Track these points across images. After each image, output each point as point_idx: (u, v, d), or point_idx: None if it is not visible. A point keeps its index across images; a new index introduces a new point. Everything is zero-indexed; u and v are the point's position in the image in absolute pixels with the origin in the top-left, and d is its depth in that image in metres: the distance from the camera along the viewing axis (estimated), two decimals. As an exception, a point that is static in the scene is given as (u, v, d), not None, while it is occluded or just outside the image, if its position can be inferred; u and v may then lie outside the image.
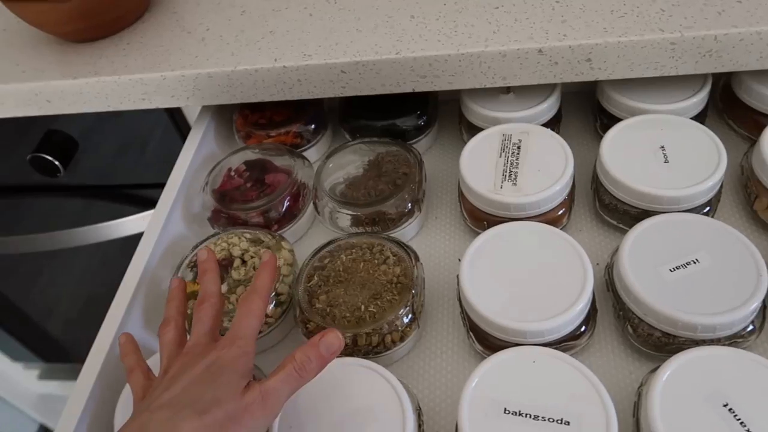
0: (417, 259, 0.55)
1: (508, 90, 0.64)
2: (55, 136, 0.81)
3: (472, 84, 0.60)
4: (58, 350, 1.49)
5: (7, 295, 1.26)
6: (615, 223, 0.59)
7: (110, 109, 0.69)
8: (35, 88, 0.66)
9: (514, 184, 0.56)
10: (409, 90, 0.62)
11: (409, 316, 0.51)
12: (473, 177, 0.57)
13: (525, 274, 0.50)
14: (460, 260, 0.59)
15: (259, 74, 0.62)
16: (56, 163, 0.79)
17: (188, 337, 0.45)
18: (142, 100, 0.67)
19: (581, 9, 0.59)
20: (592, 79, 0.58)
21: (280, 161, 0.68)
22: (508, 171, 0.57)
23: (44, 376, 1.59)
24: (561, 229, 0.57)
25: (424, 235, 0.65)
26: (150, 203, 0.97)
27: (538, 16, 0.60)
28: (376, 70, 0.60)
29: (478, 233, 0.59)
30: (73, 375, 1.60)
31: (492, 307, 0.47)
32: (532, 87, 0.64)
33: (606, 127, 0.65)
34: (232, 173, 0.66)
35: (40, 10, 0.63)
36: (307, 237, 0.68)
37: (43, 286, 1.27)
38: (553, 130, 0.65)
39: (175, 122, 0.84)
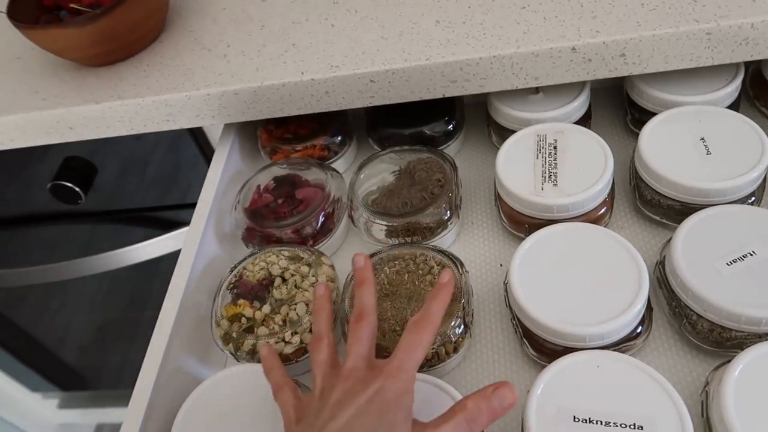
0: (462, 266, 0.54)
1: (537, 90, 0.63)
2: (73, 162, 0.79)
3: (504, 86, 0.59)
4: (74, 378, 1.48)
5: (20, 325, 1.25)
6: (658, 218, 0.58)
7: (133, 132, 0.68)
8: (57, 116, 0.65)
9: (555, 184, 0.55)
10: (439, 96, 0.61)
11: (461, 327, 0.50)
12: (512, 180, 0.56)
13: (576, 276, 0.48)
14: (501, 265, 0.60)
15: (286, 89, 0.61)
16: (77, 189, 0.77)
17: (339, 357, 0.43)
18: (166, 121, 0.66)
19: (610, 4, 0.58)
20: (626, 74, 0.57)
21: (310, 175, 0.67)
22: (547, 172, 0.56)
23: (63, 405, 1.58)
24: (603, 227, 0.55)
25: (463, 242, 0.63)
26: (162, 225, 0.93)
27: (567, 14, 0.59)
28: (405, 78, 0.59)
29: (519, 237, 0.59)
30: (92, 402, 1.58)
31: (547, 312, 0.46)
32: (561, 85, 0.63)
33: (638, 122, 0.65)
34: (262, 190, 0.65)
35: (59, 36, 0.62)
36: (342, 250, 0.66)
37: (53, 314, 1.24)
38: (584, 125, 0.63)
39: (195, 140, 0.84)
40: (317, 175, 0.66)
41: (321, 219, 0.62)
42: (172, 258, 0.93)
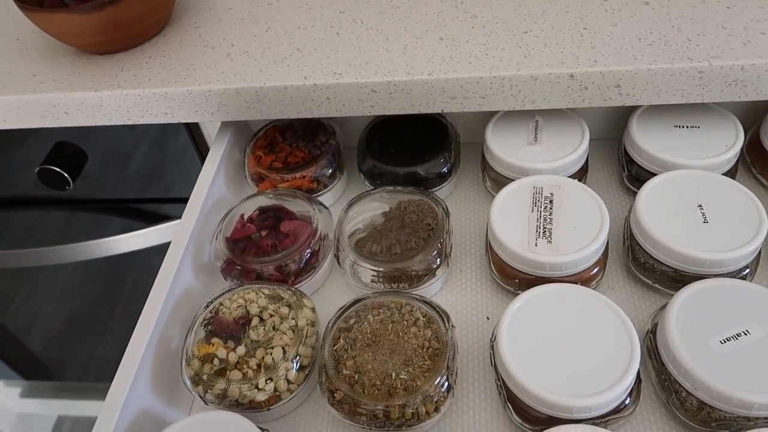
0: (449, 320, 0.46)
1: (535, 139, 0.59)
2: (64, 148, 0.72)
3: (502, 106, 0.55)
4: (39, 368, 1.26)
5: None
6: (650, 282, 0.51)
7: (130, 122, 0.60)
8: (53, 100, 0.58)
9: (549, 241, 0.49)
10: (438, 110, 0.55)
11: (445, 385, 0.43)
12: (505, 232, 0.50)
13: (566, 341, 0.43)
14: (488, 318, 0.52)
15: (288, 91, 0.55)
16: (66, 175, 0.71)
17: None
18: (165, 114, 0.58)
19: (609, 36, 0.54)
20: (620, 104, 0.54)
21: (296, 206, 0.58)
22: (542, 227, 0.50)
23: (26, 394, 1.36)
24: (594, 286, 0.50)
25: (450, 290, 0.55)
26: (142, 218, 0.83)
27: (567, 42, 0.54)
28: (407, 91, 0.54)
29: (508, 290, 0.51)
30: (55, 393, 1.51)
31: (534, 378, 0.41)
32: (561, 136, 0.59)
33: (634, 179, 0.58)
34: (245, 220, 0.57)
35: (65, 21, 0.56)
36: (325, 289, 0.58)
37: (22, 301, 1.08)
38: (580, 180, 0.57)
39: (189, 132, 0.75)
40: (304, 208, 0.57)
41: (306, 256, 0.54)
42: (148, 252, 0.82)
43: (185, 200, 0.59)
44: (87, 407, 1.36)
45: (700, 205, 0.50)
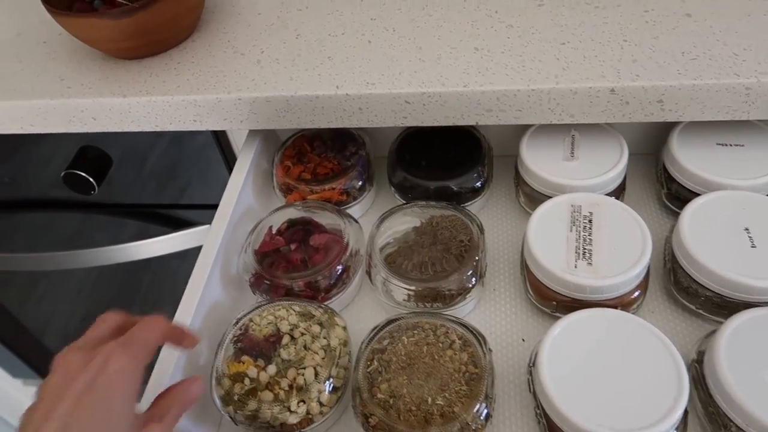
0: (486, 344, 0.45)
1: (572, 155, 0.57)
2: (89, 152, 0.71)
3: (539, 120, 0.53)
4: None
5: (7, 308, 1.20)
6: (693, 308, 0.49)
7: (157, 129, 0.59)
8: (81, 105, 0.57)
9: (590, 263, 0.47)
10: (473, 122, 0.54)
11: (484, 413, 0.41)
12: (543, 253, 0.48)
13: (610, 369, 0.41)
14: (523, 340, 0.50)
15: (319, 101, 0.54)
16: (91, 180, 0.70)
17: None
18: (193, 121, 0.57)
19: (651, 49, 0.53)
20: (661, 120, 0.52)
21: (325, 219, 0.56)
22: (581, 248, 0.48)
23: None
24: (634, 310, 0.48)
25: (483, 310, 0.53)
26: (161, 223, 0.82)
27: (607, 55, 0.53)
28: (441, 102, 0.52)
29: (544, 311, 0.49)
30: None
31: (577, 409, 0.39)
32: (598, 152, 0.57)
33: (674, 198, 0.56)
34: (274, 232, 0.56)
35: (94, 26, 0.55)
36: (354, 305, 0.56)
37: (37, 300, 1.08)
38: (617, 198, 0.55)
39: (215, 136, 0.73)
40: (334, 221, 0.55)
41: (337, 272, 0.52)
42: (165, 259, 0.83)
43: (205, 206, 0.57)
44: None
45: (747, 229, 0.48)
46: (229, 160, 0.72)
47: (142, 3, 0.52)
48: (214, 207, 0.79)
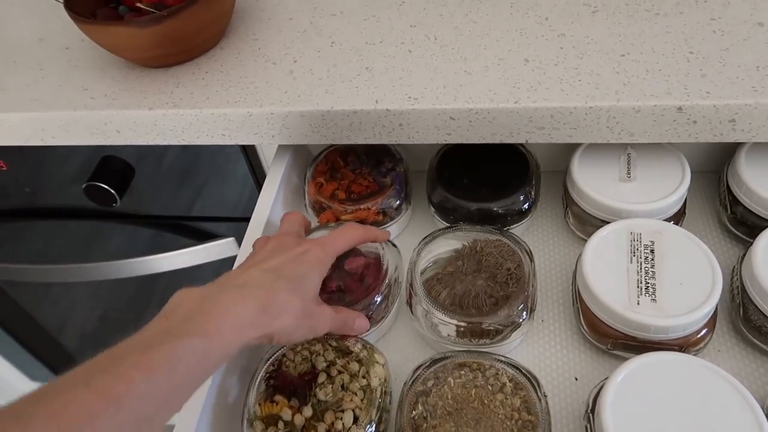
0: (540, 387, 0.41)
1: (628, 175, 0.53)
2: (111, 163, 0.68)
3: (595, 139, 0.49)
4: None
5: (25, 309, 1.19)
6: (766, 347, 0.45)
7: (184, 142, 0.56)
8: (105, 117, 0.54)
9: (654, 299, 0.43)
10: (522, 140, 0.50)
11: None
12: (602, 286, 0.44)
13: (680, 421, 0.38)
14: (576, 379, 0.47)
15: (357, 116, 0.50)
16: (112, 192, 0.67)
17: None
18: (222, 135, 0.54)
19: (721, 63, 0.48)
20: (732, 140, 0.48)
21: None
22: (643, 281, 0.44)
23: None
24: (699, 349, 0.44)
25: (531, 344, 0.50)
26: (181, 234, 0.80)
27: (672, 68, 0.48)
28: (489, 119, 0.49)
29: (599, 347, 0.46)
30: None
31: None
32: (657, 172, 0.53)
33: (739, 222, 0.52)
34: None
35: (120, 34, 0.52)
36: (391, 335, 0.53)
37: (53, 300, 1.06)
38: (677, 223, 0.52)
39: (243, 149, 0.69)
40: (369, 245, 0.52)
41: (375, 303, 0.48)
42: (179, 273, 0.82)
43: (227, 219, 0.54)
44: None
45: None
46: (256, 172, 0.68)
47: (170, 11, 0.49)
48: (237, 220, 0.76)
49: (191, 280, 0.91)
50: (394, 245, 0.51)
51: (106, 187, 0.65)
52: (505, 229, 0.52)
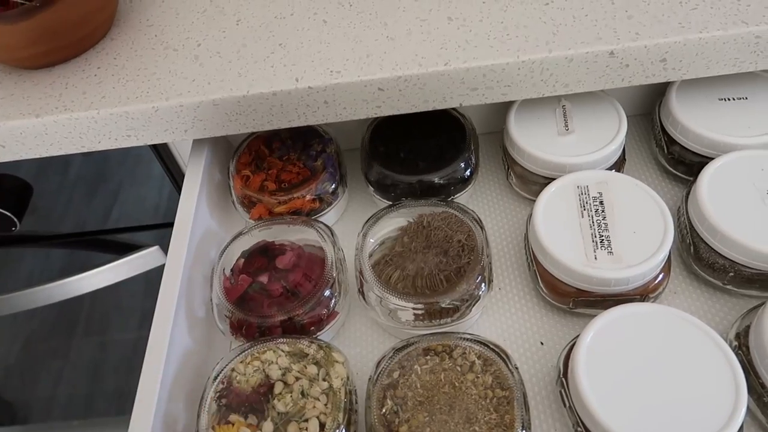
0: (509, 359, 0.40)
1: (566, 127, 0.52)
2: (3, 182, 0.61)
3: (529, 94, 0.48)
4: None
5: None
6: (720, 284, 0.45)
7: (84, 150, 0.50)
8: None
9: (610, 252, 0.42)
10: (456, 105, 0.48)
11: None
12: (557, 246, 0.43)
13: (656, 376, 0.37)
14: (542, 343, 0.46)
15: (277, 98, 0.46)
16: (8, 215, 0.60)
17: None
18: (126, 137, 0.49)
19: (645, 2, 0.47)
20: (664, 80, 0.47)
21: (296, 235, 0.50)
22: (597, 235, 0.44)
23: None
24: (658, 295, 0.44)
25: (490, 315, 0.48)
26: (100, 250, 0.73)
27: (598, 12, 0.47)
28: (420, 85, 0.46)
29: (560, 308, 0.46)
30: None
31: (627, 426, 0.35)
32: (593, 121, 0.53)
33: (677, 162, 0.52)
34: (235, 272, 0.48)
35: None
36: (346, 330, 0.50)
37: None
38: (619, 170, 0.51)
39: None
40: (307, 236, 0.49)
41: (327, 295, 0.46)
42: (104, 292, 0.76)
43: (146, 227, 0.49)
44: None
45: (771, 191, 0.43)
46: (173, 172, 0.63)
47: (42, 1, 0.42)
48: (159, 227, 0.70)
49: (118, 298, 0.85)
50: (330, 230, 0.49)
51: (2, 210, 0.57)
52: (449, 199, 0.49)
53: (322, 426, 0.38)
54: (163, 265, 0.60)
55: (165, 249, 0.73)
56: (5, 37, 0.46)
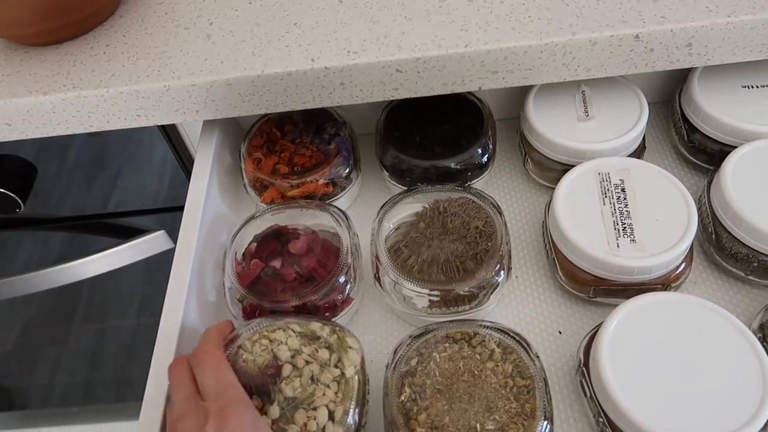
0: (530, 347, 0.39)
1: (586, 113, 0.52)
2: (8, 163, 0.59)
3: (551, 78, 0.47)
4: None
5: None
6: (742, 274, 0.45)
7: (92, 129, 0.49)
8: None
9: (633, 240, 0.42)
10: (475, 88, 0.47)
11: (546, 426, 0.37)
12: (578, 233, 0.43)
13: (681, 366, 0.37)
14: (560, 332, 0.45)
15: (292, 78, 0.46)
16: (13, 196, 0.59)
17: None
18: (136, 117, 0.48)
19: None
20: (688, 65, 0.47)
21: (312, 220, 0.49)
22: (619, 223, 0.43)
23: None
24: (680, 285, 0.44)
25: (507, 303, 0.48)
26: (105, 233, 0.72)
27: None
28: (439, 67, 0.45)
29: (579, 296, 0.45)
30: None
31: (652, 416, 0.35)
32: (614, 107, 0.52)
33: (698, 150, 0.52)
34: (247, 256, 0.47)
35: None
36: (360, 316, 0.49)
37: None
38: (639, 158, 0.51)
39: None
40: (321, 221, 0.48)
41: (341, 281, 0.45)
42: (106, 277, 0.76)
43: (150, 211, 0.48)
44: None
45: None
46: (182, 154, 0.61)
47: (52, -27, 0.41)
48: (163, 210, 0.69)
49: (117, 285, 0.84)
50: (345, 216, 0.48)
51: (6, 191, 0.57)
52: (466, 185, 0.49)
53: (331, 416, 0.37)
54: (168, 250, 0.60)
55: (171, 233, 0.72)
56: (12, 12, 0.44)
